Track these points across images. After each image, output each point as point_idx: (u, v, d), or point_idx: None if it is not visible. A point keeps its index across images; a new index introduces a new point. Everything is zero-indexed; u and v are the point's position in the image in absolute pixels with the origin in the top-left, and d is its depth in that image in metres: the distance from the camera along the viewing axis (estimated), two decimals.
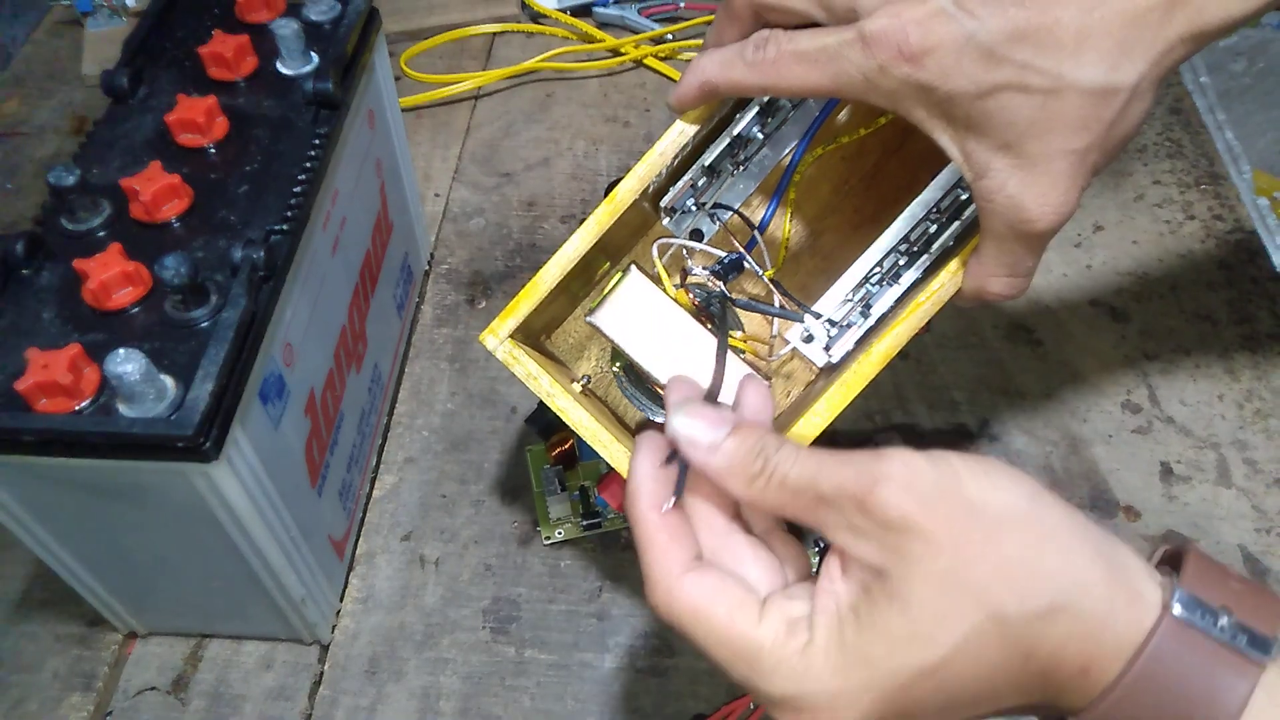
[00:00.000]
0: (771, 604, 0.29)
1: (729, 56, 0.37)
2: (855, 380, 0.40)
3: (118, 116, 0.48)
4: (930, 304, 0.40)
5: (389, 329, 0.62)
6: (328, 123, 0.47)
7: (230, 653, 0.52)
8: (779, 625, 0.29)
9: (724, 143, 0.42)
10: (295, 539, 0.46)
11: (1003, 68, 0.32)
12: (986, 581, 0.26)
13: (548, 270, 0.42)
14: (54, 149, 0.78)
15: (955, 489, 0.27)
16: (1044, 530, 0.27)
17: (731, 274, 0.45)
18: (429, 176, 0.76)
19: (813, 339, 0.44)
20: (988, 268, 0.37)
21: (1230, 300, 0.66)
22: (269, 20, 0.51)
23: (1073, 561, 0.27)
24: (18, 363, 0.37)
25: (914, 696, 0.27)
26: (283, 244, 0.42)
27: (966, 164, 0.34)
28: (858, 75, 0.34)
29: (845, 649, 0.27)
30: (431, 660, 0.51)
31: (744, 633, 0.29)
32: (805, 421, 0.40)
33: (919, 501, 0.27)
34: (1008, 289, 0.38)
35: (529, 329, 0.43)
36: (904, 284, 0.42)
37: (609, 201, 0.41)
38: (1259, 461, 0.58)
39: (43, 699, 0.50)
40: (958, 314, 0.65)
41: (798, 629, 0.28)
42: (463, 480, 0.59)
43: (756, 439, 0.30)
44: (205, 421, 0.36)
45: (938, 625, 0.26)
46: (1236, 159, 0.75)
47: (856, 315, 0.44)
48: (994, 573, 0.26)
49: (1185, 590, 0.27)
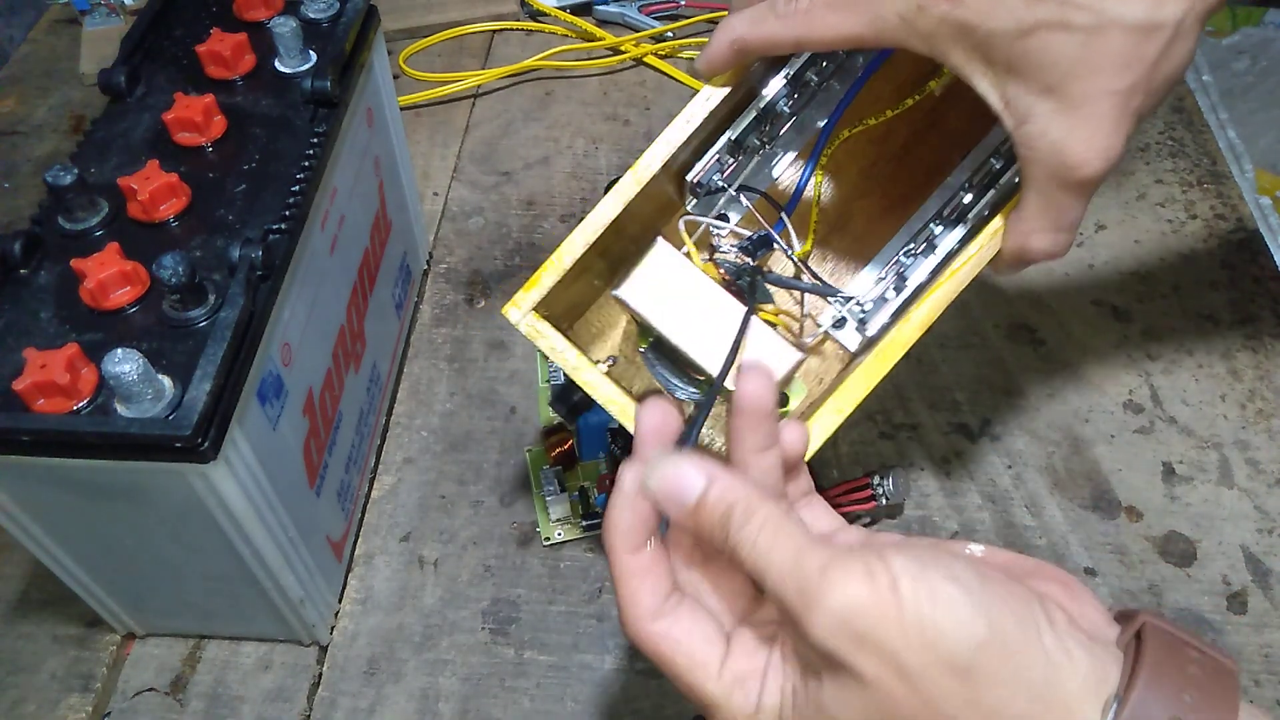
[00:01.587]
0: (731, 654, 0.30)
1: (760, 12, 0.36)
2: (893, 349, 0.38)
3: (115, 115, 0.47)
4: (970, 268, 0.38)
5: (387, 328, 0.62)
6: (326, 121, 0.47)
7: (228, 654, 0.52)
8: (732, 687, 0.30)
9: (751, 115, 0.41)
10: (293, 540, 0.45)
11: (1044, 4, 0.31)
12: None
13: (572, 241, 0.40)
14: (51, 148, 0.77)
15: (896, 628, 0.26)
16: (972, 688, 0.26)
17: (760, 251, 0.43)
18: (428, 175, 0.76)
19: (845, 322, 0.43)
20: (1030, 223, 0.36)
21: (1232, 300, 0.66)
22: (267, 18, 0.51)
23: (1005, 710, 0.26)
24: (15, 363, 0.37)
25: None
26: (281, 243, 0.42)
27: (1007, 110, 0.33)
28: (894, 17, 0.33)
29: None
30: (430, 661, 0.51)
31: (701, 686, 0.30)
32: (840, 396, 0.39)
33: (850, 639, 0.26)
34: (1051, 245, 0.36)
35: (551, 312, 0.42)
36: (940, 253, 0.41)
37: (634, 170, 0.40)
38: (1261, 462, 0.58)
39: (41, 700, 0.50)
40: (959, 313, 0.65)
41: (748, 691, 0.29)
42: (462, 481, 0.58)
43: (724, 508, 0.29)
44: (203, 422, 0.36)
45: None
46: (1239, 158, 0.75)
47: (890, 290, 0.42)
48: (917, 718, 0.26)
49: (1128, 713, 0.25)
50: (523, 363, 0.64)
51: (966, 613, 0.26)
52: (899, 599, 0.26)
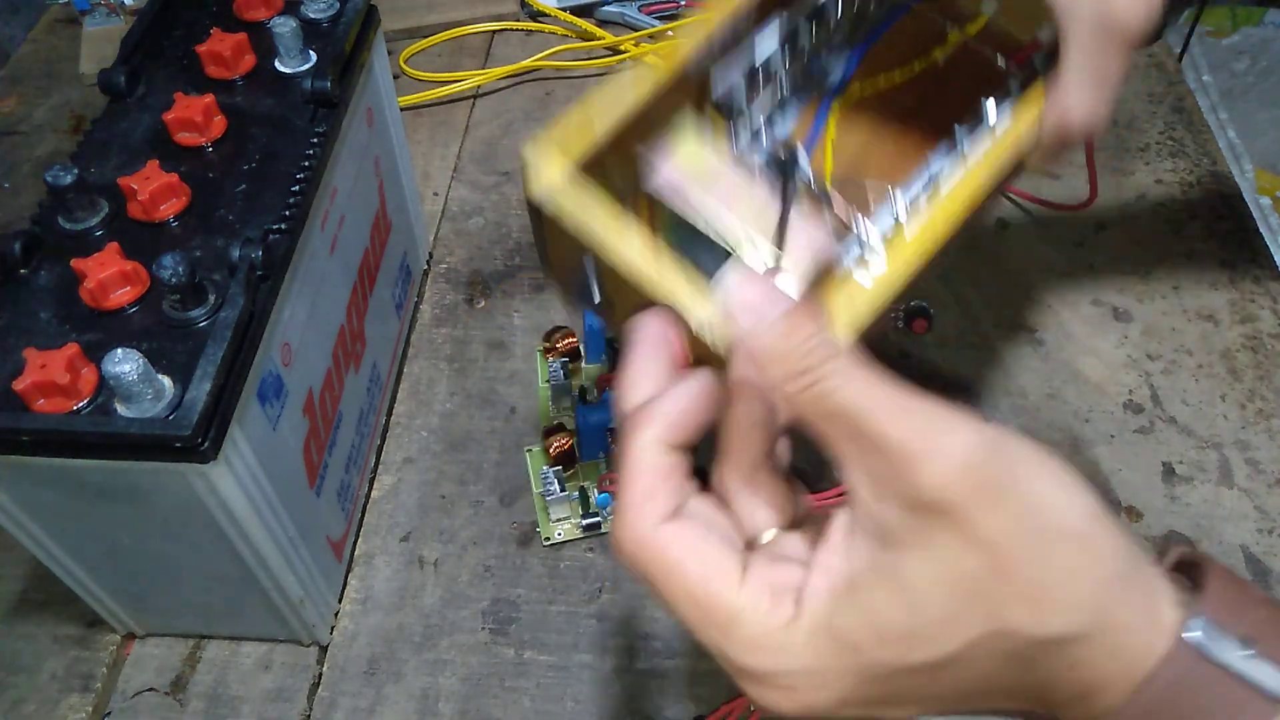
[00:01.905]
0: (755, 566, 0.26)
1: None
2: (941, 218, 0.35)
3: (115, 115, 0.47)
4: (1012, 150, 0.36)
5: (387, 329, 0.62)
6: (326, 121, 0.47)
7: (228, 654, 0.52)
8: (761, 593, 0.25)
9: (776, 32, 0.39)
10: (293, 540, 0.45)
11: None
12: (1007, 597, 0.24)
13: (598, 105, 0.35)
14: (52, 148, 0.77)
15: (1013, 485, 0.24)
16: (1088, 557, 0.24)
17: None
18: (428, 175, 0.76)
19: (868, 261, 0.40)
20: (1071, 89, 0.35)
21: (1232, 300, 0.66)
22: (267, 18, 0.51)
23: (1104, 591, 0.24)
24: (15, 363, 0.37)
25: (896, 686, 0.25)
26: (281, 243, 0.42)
27: None
28: None
29: (833, 632, 0.25)
30: (430, 662, 0.51)
31: (719, 596, 0.26)
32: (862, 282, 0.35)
33: (971, 488, 0.23)
34: (1091, 112, 0.35)
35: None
36: (969, 156, 0.38)
37: (666, 45, 0.36)
38: (1261, 462, 0.58)
39: (41, 700, 0.50)
40: (960, 313, 0.65)
41: (782, 601, 0.25)
42: (462, 481, 0.58)
43: (812, 330, 0.26)
44: (203, 422, 0.36)
45: (941, 629, 0.24)
46: (1239, 158, 0.75)
47: (922, 199, 0.39)
48: (1019, 591, 0.24)
49: (1205, 616, 0.24)
50: (522, 363, 0.64)
51: (1077, 487, 0.24)
52: (1016, 461, 0.24)
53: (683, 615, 0.26)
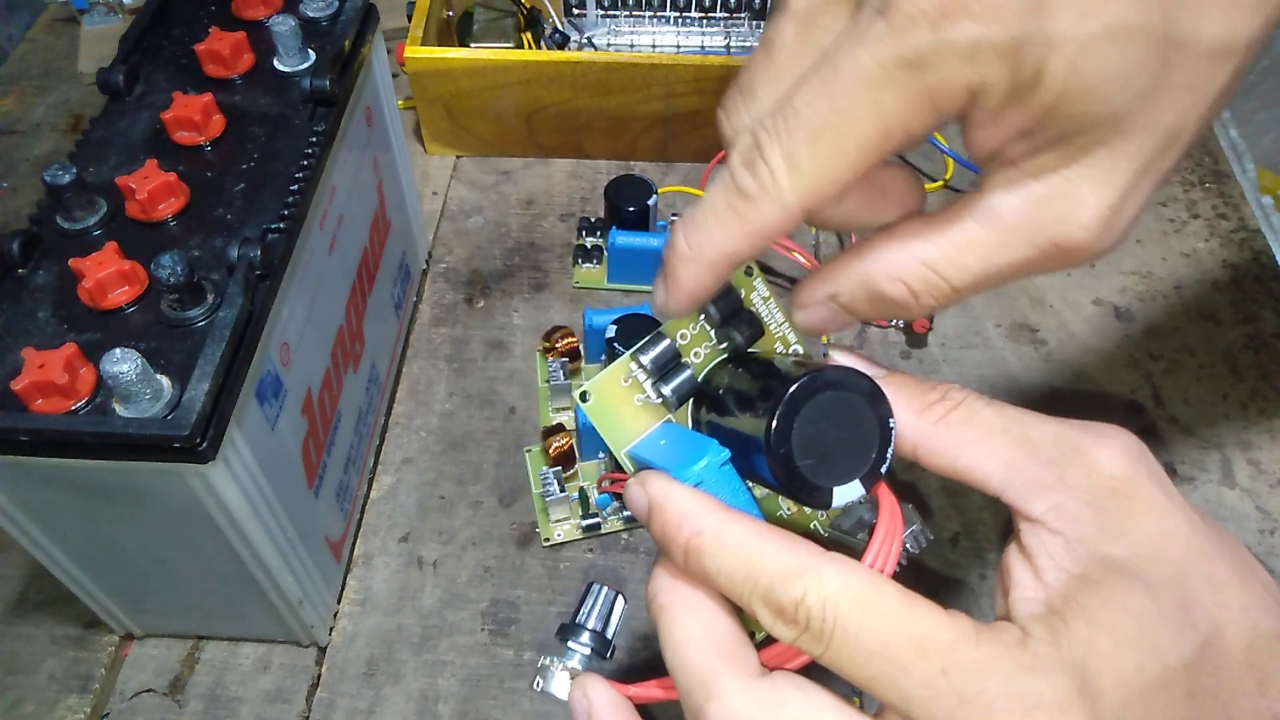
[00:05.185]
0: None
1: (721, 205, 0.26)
2: None
3: (114, 114, 0.47)
4: None
5: (386, 328, 0.61)
6: (325, 120, 0.47)
7: (227, 655, 0.52)
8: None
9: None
10: (292, 540, 0.45)
11: None
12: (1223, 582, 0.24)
13: None
14: (50, 147, 0.77)
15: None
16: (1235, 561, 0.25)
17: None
18: (427, 174, 0.76)
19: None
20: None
21: (1234, 300, 0.66)
22: (266, 17, 0.51)
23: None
24: (13, 362, 0.37)
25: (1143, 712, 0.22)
26: (279, 243, 0.42)
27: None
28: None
29: (1059, 646, 0.22)
30: (430, 663, 0.51)
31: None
32: None
33: (1145, 467, 0.25)
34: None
35: None
36: None
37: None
38: (1263, 462, 0.58)
39: (39, 700, 0.49)
40: (960, 313, 0.65)
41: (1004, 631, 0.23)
42: (461, 481, 0.58)
43: (943, 386, 0.27)
44: (201, 422, 0.36)
45: (1182, 615, 0.23)
46: (1240, 157, 0.75)
47: None
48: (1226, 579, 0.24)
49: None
50: (522, 363, 0.64)
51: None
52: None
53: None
